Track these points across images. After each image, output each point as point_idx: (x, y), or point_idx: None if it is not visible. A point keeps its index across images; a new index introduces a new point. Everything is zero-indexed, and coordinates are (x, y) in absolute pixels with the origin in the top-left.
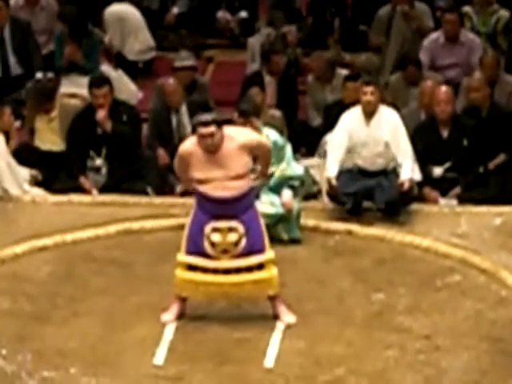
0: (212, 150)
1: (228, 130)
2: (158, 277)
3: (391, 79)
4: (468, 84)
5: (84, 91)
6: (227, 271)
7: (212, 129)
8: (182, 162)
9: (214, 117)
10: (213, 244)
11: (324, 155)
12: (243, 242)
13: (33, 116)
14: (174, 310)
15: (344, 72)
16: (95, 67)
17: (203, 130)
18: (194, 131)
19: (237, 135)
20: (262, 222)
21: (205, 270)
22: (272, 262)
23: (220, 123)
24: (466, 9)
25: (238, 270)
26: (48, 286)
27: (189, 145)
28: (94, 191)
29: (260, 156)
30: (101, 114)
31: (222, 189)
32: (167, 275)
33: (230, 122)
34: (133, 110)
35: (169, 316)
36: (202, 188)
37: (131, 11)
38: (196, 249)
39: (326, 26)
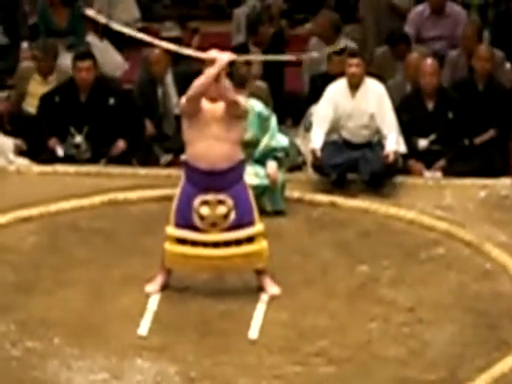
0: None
1: None
2: (142, 248)
3: (377, 52)
4: (476, 53)
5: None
6: (216, 244)
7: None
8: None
9: None
10: (201, 217)
11: (309, 127)
12: (232, 214)
13: (28, 78)
14: (159, 280)
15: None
16: (81, 41)
17: None
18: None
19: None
20: (252, 195)
21: (194, 243)
22: (262, 235)
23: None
24: None
25: (227, 244)
26: (32, 256)
27: None
28: (60, 152)
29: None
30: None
31: (212, 157)
32: (151, 246)
33: None
34: (121, 93)
35: (153, 287)
36: (193, 153)
37: None
38: (185, 222)
39: None
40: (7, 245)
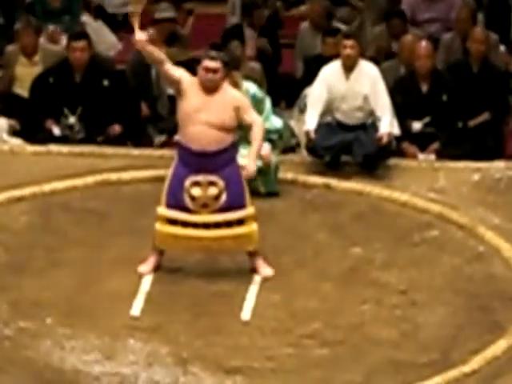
0: (209, 86)
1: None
2: (135, 228)
3: (374, 31)
4: (471, 35)
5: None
6: (207, 225)
7: (218, 64)
8: (174, 81)
9: (223, 56)
10: (193, 198)
11: (304, 109)
12: (223, 196)
13: (14, 61)
14: (151, 261)
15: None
16: (75, 21)
17: (209, 63)
18: (197, 64)
19: (236, 93)
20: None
21: (185, 223)
22: (252, 218)
23: (227, 64)
24: None
25: (217, 225)
26: (25, 236)
27: (190, 77)
28: (57, 131)
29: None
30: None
31: (203, 140)
32: (144, 227)
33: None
34: (116, 74)
35: (146, 268)
36: (185, 134)
37: None
38: (176, 202)
39: None
40: (0, 224)
